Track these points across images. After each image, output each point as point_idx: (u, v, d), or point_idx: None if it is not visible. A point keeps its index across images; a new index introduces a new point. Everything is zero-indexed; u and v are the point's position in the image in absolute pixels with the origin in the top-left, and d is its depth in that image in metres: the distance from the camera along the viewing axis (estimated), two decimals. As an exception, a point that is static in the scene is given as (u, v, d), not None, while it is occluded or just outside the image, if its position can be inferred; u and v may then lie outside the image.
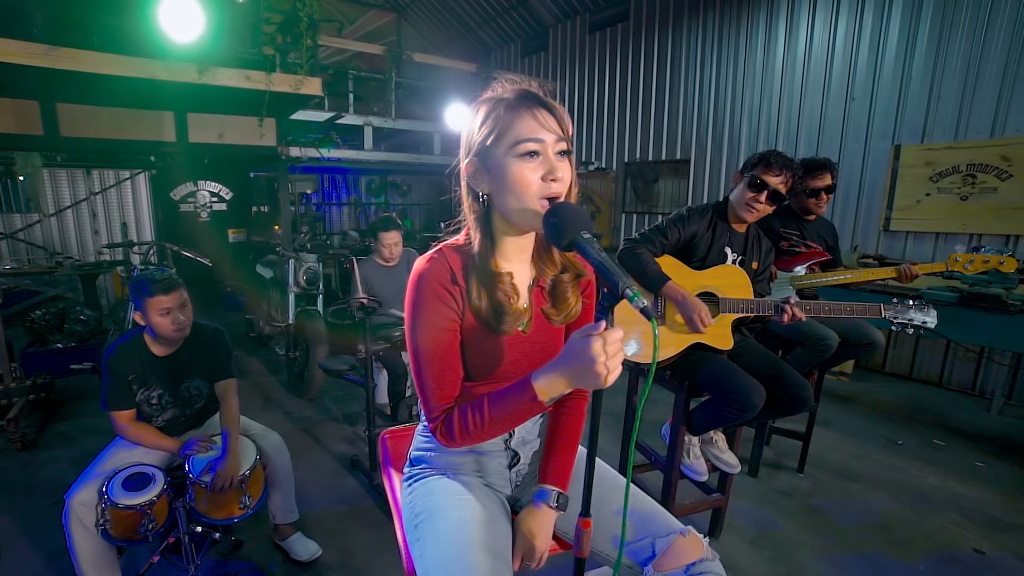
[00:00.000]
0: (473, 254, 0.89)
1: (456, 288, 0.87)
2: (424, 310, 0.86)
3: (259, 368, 3.99)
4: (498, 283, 0.88)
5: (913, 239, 4.01)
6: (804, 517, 2.20)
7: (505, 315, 0.88)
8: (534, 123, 0.81)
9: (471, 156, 0.87)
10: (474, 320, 0.89)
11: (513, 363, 0.92)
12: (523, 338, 0.93)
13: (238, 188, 5.62)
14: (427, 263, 0.88)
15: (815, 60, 4.48)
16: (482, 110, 0.86)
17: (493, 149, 0.83)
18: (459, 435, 0.86)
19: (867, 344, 2.25)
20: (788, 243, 2.38)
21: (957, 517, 2.22)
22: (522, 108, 0.82)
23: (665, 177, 6.01)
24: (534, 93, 0.84)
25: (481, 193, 0.87)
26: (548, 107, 0.83)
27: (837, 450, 2.80)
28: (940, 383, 3.92)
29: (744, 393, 1.59)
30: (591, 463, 0.78)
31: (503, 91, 0.86)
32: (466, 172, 0.89)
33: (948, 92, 3.74)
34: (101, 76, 2.97)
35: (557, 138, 0.82)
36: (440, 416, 0.89)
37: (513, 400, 0.82)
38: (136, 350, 1.78)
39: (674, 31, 5.63)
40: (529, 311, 0.94)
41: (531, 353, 0.93)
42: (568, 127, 0.84)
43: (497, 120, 0.83)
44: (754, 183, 1.72)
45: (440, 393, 0.88)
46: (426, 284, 0.86)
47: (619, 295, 0.68)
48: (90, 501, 1.55)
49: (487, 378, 0.93)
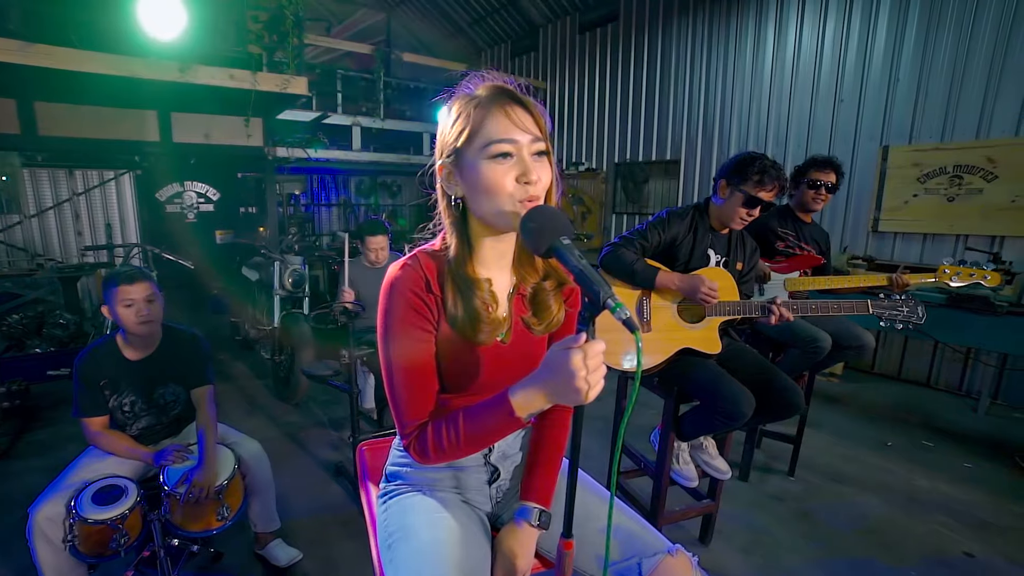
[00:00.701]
0: (449, 260, 0.84)
1: (431, 296, 0.83)
2: (397, 319, 0.82)
3: (244, 372, 3.92)
4: (475, 290, 0.83)
5: (901, 240, 4.03)
6: (795, 522, 2.18)
7: (483, 324, 0.83)
8: (507, 122, 0.76)
9: (443, 158, 0.83)
10: (450, 330, 0.84)
11: (491, 375, 0.88)
12: (502, 349, 0.89)
13: (225, 189, 5.53)
14: (400, 270, 0.83)
15: (804, 61, 4.50)
16: (455, 108, 0.81)
17: (465, 150, 0.79)
18: (433, 452, 0.82)
19: (858, 346, 2.24)
20: (784, 243, 2.36)
21: (947, 520, 2.21)
22: (494, 106, 0.77)
23: (655, 178, 6.00)
24: (508, 89, 0.79)
25: (455, 196, 0.83)
26: (523, 104, 0.78)
27: (828, 452, 2.79)
28: (928, 383, 3.94)
29: (733, 401, 1.56)
30: (572, 480, 0.74)
31: (475, 87, 0.82)
32: (440, 174, 0.84)
33: (935, 94, 3.76)
34: (79, 74, 2.89)
35: (532, 138, 0.77)
36: (413, 432, 0.84)
37: (489, 415, 0.78)
38: (108, 355, 1.72)
39: (664, 31, 5.63)
40: (508, 320, 0.89)
41: (511, 364, 0.89)
42: (545, 125, 0.80)
43: (468, 119, 0.78)
44: (749, 201, 1.69)
45: (413, 407, 0.84)
46: (399, 292, 0.82)
47: (600, 305, 0.65)
48: (57, 516, 1.48)
49: (464, 391, 0.88)
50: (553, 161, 0.82)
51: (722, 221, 1.80)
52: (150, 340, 1.76)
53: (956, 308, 2.93)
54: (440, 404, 0.87)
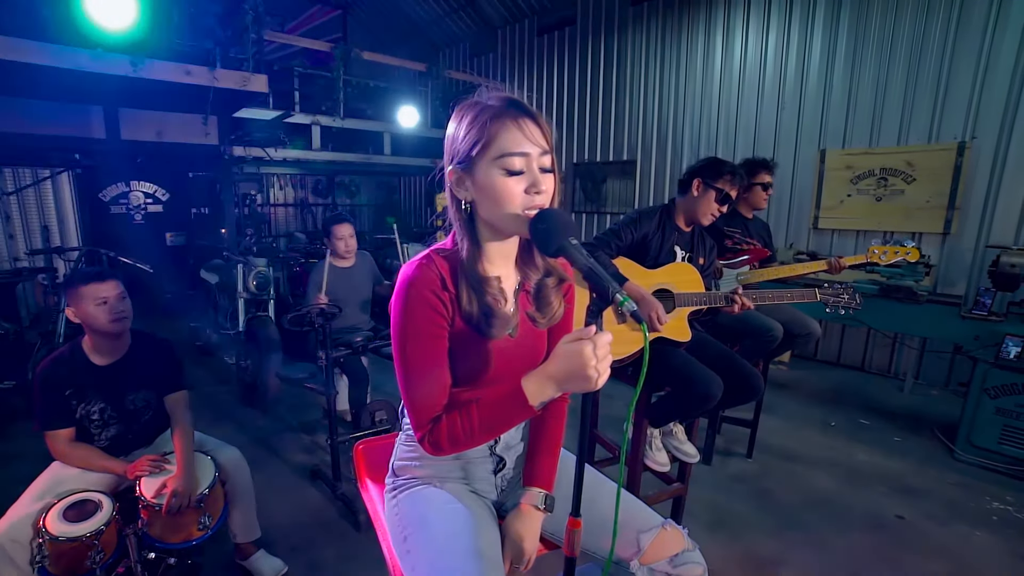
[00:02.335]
0: (462, 259, 0.89)
1: (446, 294, 0.87)
2: (414, 318, 0.86)
3: (207, 378, 3.76)
4: (487, 287, 0.88)
5: (838, 236, 4.39)
6: (755, 499, 2.37)
7: (496, 319, 0.89)
8: (519, 135, 0.81)
9: (454, 164, 0.86)
10: (464, 325, 0.89)
11: (500, 367, 0.93)
12: (510, 342, 0.94)
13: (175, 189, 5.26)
14: (416, 269, 0.86)
15: (749, 69, 4.80)
16: (467, 117, 0.85)
17: (477, 159, 0.82)
18: (447, 443, 0.86)
19: (806, 333, 2.46)
20: (732, 240, 2.55)
21: (883, 488, 2.47)
22: (507, 118, 0.81)
23: (613, 178, 6.21)
24: (521, 102, 0.84)
25: (464, 201, 0.88)
26: (534, 117, 0.83)
27: (780, 434, 3.02)
28: (863, 367, 4.32)
29: (704, 384, 1.69)
30: (581, 464, 0.82)
31: (488, 98, 0.85)
32: (449, 179, 0.88)
33: (863, 102, 4.12)
34: (18, 64, 2.68)
35: (542, 151, 0.83)
36: (428, 425, 0.88)
37: (503, 405, 0.83)
38: (73, 361, 1.64)
39: (620, 36, 5.83)
40: (516, 315, 0.95)
41: (518, 357, 0.94)
42: (552, 138, 0.85)
43: (482, 130, 0.81)
44: (723, 198, 1.87)
45: (429, 402, 0.88)
46: (416, 291, 0.85)
47: (609, 300, 0.72)
48: (23, 537, 1.41)
49: (474, 384, 0.93)
50: (557, 171, 0.88)
51: (692, 217, 1.94)
52: (119, 344, 1.70)
53: (885, 297, 3.25)
54: (452, 397, 0.92)
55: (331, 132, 5.50)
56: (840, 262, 2.36)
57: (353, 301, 2.76)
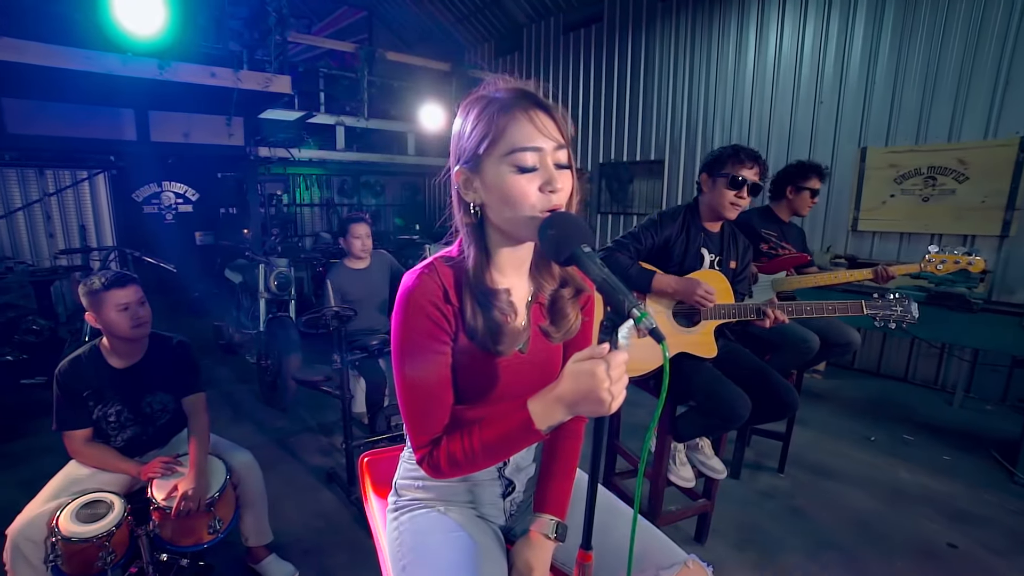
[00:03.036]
0: (467, 269, 0.81)
1: (449, 307, 0.80)
2: (413, 332, 0.79)
3: (228, 377, 3.82)
4: (495, 301, 0.80)
5: (879, 239, 4.15)
6: (786, 518, 2.23)
7: (503, 335, 0.81)
8: (531, 128, 0.73)
9: (461, 163, 0.79)
10: (468, 341, 0.82)
11: (509, 385, 0.86)
12: (520, 358, 0.86)
13: (205, 189, 5.39)
14: (416, 279, 0.79)
15: (784, 64, 4.59)
16: (473, 111, 0.77)
17: (486, 157, 0.75)
18: (447, 467, 0.80)
19: (845, 343, 2.30)
20: (768, 244, 2.41)
21: (929, 511, 2.28)
22: (517, 110, 0.73)
23: (640, 178, 6.06)
24: (531, 93, 0.76)
25: (473, 204, 0.80)
26: (547, 109, 0.75)
27: (815, 448, 2.85)
28: (906, 378, 4.07)
29: (729, 404, 1.58)
30: (592, 491, 0.74)
31: (496, 90, 0.78)
32: (456, 180, 0.81)
33: (909, 97, 3.88)
34: (51, 69, 2.77)
35: (556, 145, 0.75)
36: (427, 446, 0.82)
37: (507, 429, 0.76)
38: (92, 363, 1.65)
39: (648, 33, 5.68)
40: (528, 329, 0.87)
41: (528, 374, 0.87)
42: (568, 131, 0.77)
43: (490, 124, 0.74)
44: (733, 181, 1.70)
45: (428, 422, 0.82)
46: (416, 303, 0.78)
47: (625, 314, 0.64)
48: (37, 536, 1.42)
49: (480, 402, 0.86)
50: (574, 167, 0.79)
51: (714, 212, 1.79)
52: (137, 347, 1.70)
53: (934, 305, 3.02)
54: (455, 416, 0.85)
55: (355, 132, 5.53)
56: (888, 271, 2.15)
57: (370, 302, 2.74)
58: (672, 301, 1.77)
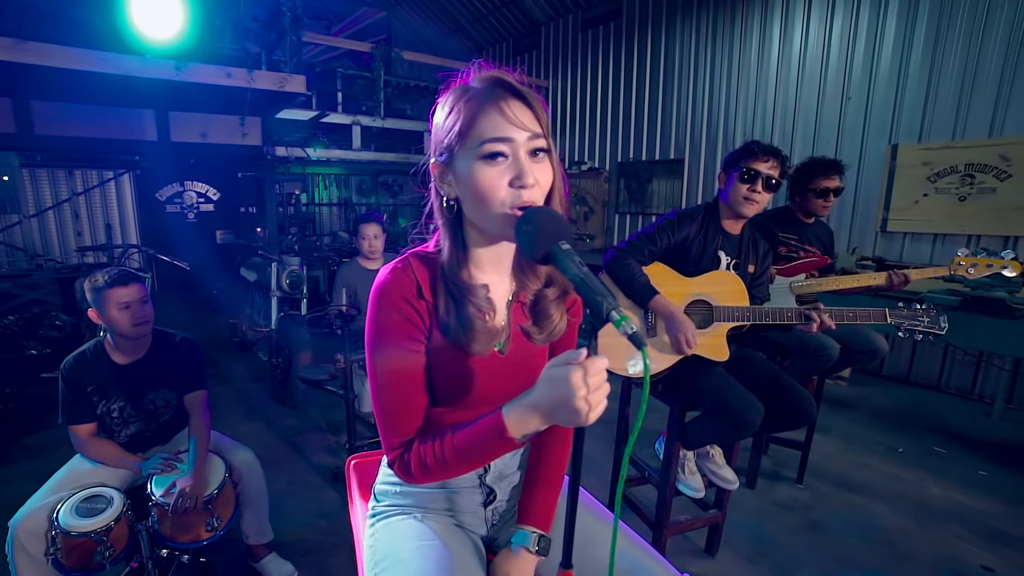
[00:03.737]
0: (442, 263, 0.78)
1: (422, 303, 0.77)
2: (384, 328, 0.76)
3: (242, 374, 3.87)
4: (470, 296, 0.77)
5: (911, 240, 3.95)
6: (804, 532, 2.12)
7: (478, 333, 0.77)
8: (501, 119, 0.69)
9: (436, 156, 0.76)
10: (443, 339, 0.78)
11: (488, 388, 0.81)
12: (500, 359, 0.82)
13: (226, 189, 5.49)
14: (389, 274, 0.77)
15: (810, 58, 4.42)
16: (448, 102, 0.74)
17: (458, 149, 0.72)
18: (417, 471, 0.76)
19: (870, 351, 2.17)
20: (786, 248, 2.29)
21: (962, 530, 2.14)
22: (488, 101, 0.70)
23: (659, 177, 5.93)
24: (505, 81, 0.72)
25: (448, 198, 0.77)
26: (522, 97, 0.71)
27: (837, 459, 2.72)
28: (938, 387, 3.86)
29: (741, 410, 1.50)
30: (572, 506, 0.68)
31: (474, 80, 0.75)
32: (433, 172, 0.78)
33: (945, 91, 3.67)
34: (73, 71, 2.85)
35: (530, 135, 0.70)
36: (399, 449, 0.78)
37: (481, 435, 0.71)
38: (96, 359, 1.67)
39: (667, 29, 5.56)
40: (507, 330, 0.83)
41: (509, 376, 0.82)
42: (546, 121, 0.72)
43: (459, 114, 0.71)
44: (746, 175, 1.63)
45: (399, 423, 0.78)
46: (387, 298, 0.76)
47: (604, 318, 0.59)
48: (38, 528, 1.43)
49: (458, 405, 0.82)
50: (556, 160, 0.75)
51: (732, 210, 1.72)
52: (140, 344, 1.71)
53: (970, 311, 2.85)
54: (432, 419, 0.81)
55: (372, 132, 5.56)
56: (901, 275, 1.98)
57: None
58: (684, 299, 1.70)
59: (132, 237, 5.20)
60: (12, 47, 2.60)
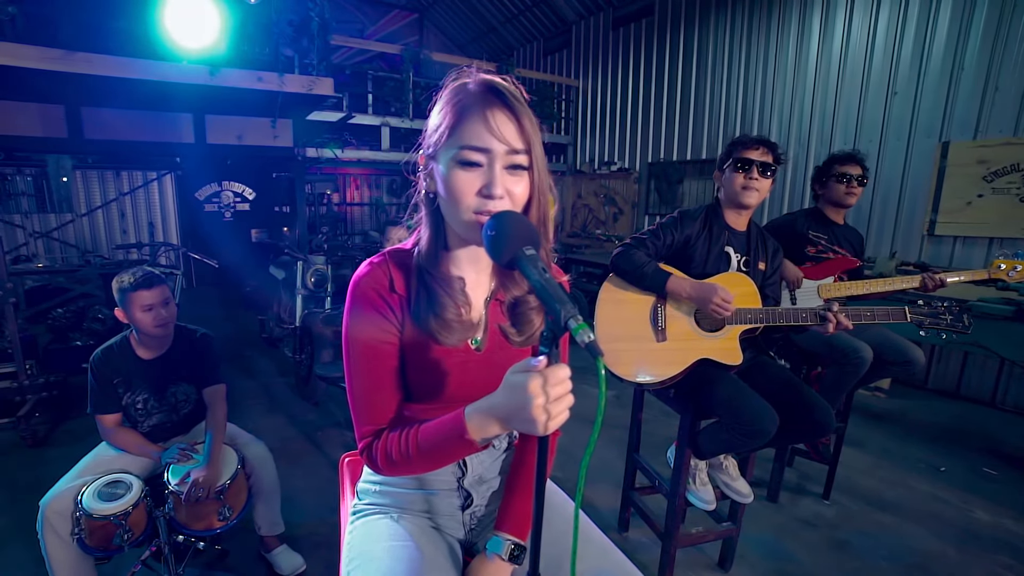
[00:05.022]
0: (419, 251, 0.79)
1: (394, 297, 0.79)
2: (357, 319, 0.78)
3: (269, 369, 4.00)
4: (445, 287, 0.78)
5: (962, 244, 3.69)
6: (827, 551, 2.00)
7: (451, 323, 0.77)
8: (483, 128, 0.69)
9: (424, 149, 0.79)
10: (417, 333, 0.79)
11: (463, 384, 0.81)
12: (476, 356, 0.82)
13: (261, 188, 5.70)
14: (365, 267, 0.80)
15: (853, 53, 4.19)
16: (442, 99, 0.76)
17: (441, 147, 0.73)
18: (383, 462, 0.77)
19: (904, 362, 2.03)
20: (816, 248, 2.18)
21: (1010, 560, 1.97)
22: (475, 108, 0.70)
23: (690, 178, 5.77)
24: (497, 88, 0.71)
25: (428, 190, 0.79)
26: (511, 108, 0.70)
27: (869, 475, 2.56)
28: (993, 402, 3.58)
29: (754, 419, 1.42)
30: (539, 516, 0.66)
31: (471, 80, 0.75)
32: (420, 163, 0.80)
33: (1007, 83, 3.41)
34: (118, 79, 3.02)
35: (508, 150, 0.70)
36: (368, 439, 0.79)
37: (442, 433, 0.71)
38: (122, 353, 1.76)
39: (701, 25, 5.40)
40: (483, 326, 0.83)
41: (486, 375, 0.82)
42: (532, 136, 0.71)
43: (447, 115, 0.73)
44: (739, 164, 1.63)
45: (369, 412, 0.79)
46: (360, 291, 0.78)
47: (562, 325, 0.57)
48: (65, 510, 1.51)
49: (434, 401, 0.82)
50: (540, 177, 0.74)
51: (734, 203, 1.69)
52: (163, 340, 1.79)
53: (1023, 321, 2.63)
54: (408, 416, 0.82)
55: (401, 133, 5.65)
56: (936, 277, 1.88)
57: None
58: (694, 303, 1.64)
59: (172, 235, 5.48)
60: (64, 57, 2.78)
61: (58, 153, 4.35)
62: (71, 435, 2.87)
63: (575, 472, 2.24)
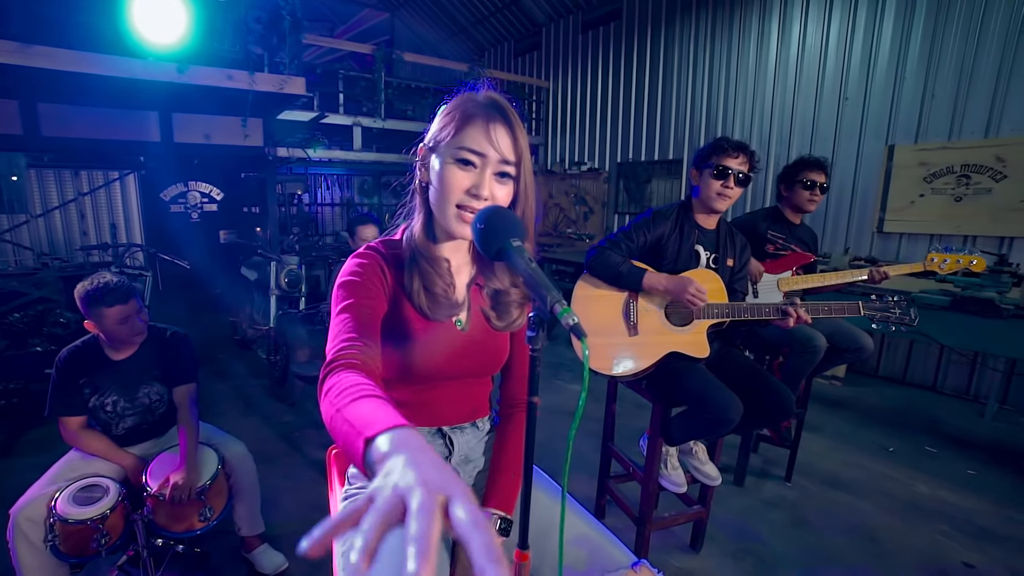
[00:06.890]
0: (412, 231, 0.88)
1: (387, 277, 0.87)
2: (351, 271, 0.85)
3: (242, 371, 3.93)
4: (433, 265, 0.87)
5: (907, 240, 3.96)
6: (790, 529, 2.14)
7: (439, 296, 0.86)
8: (483, 136, 0.79)
9: (426, 142, 0.88)
10: (407, 306, 0.87)
11: (449, 361, 0.89)
12: (461, 335, 0.91)
13: (229, 189, 5.56)
14: (363, 249, 0.89)
15: (808, 60, 4.43)
16: (452, 103, 0.86)
17: (442, 144, 0.83)
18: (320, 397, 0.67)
19: (856, 348, 2.20)
20: (774, 246, 2.32)
21: (947, 528, 2.16)
22: (480, 116, 0.80)
23: (658, 177, 5.96)
24: (501, 106, 0.82)
25: (422, 180, 0.88)
26: (509, 124, 0.81)
27: (827, 457, 2.74)
28: (934, 387, 3.86)
29: (720, 407, 1.53)
30: (527, 487, 0.72)
31: (480, 93, 0.86)
32: (419, 153, 0.89)
33: (942, 92, 3.68)
34: (79, 75, 2.92)
35: (501, 159, 0.80)
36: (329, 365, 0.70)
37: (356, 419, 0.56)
38: (91, 354, 1.71)
39: (667, 31, 5.58)
40: (467, 306, 0.92)
41: (469, 353, 0.91)
42: (523, 152, 0.82)
43: (454, 118, 0.82)
44: (717, 172, 1.68)
45: (338, 339, 0.74)
46: (356, 261, 0.87)
47: (548, 310, 0.63)
48: (38, 516, 1.48)
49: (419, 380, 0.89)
50: (526, 187, 0.85)
51: (705, 206, 1.76)
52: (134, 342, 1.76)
53: (960, 311, 2.85)
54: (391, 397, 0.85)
55: (373, 133, 5.62)
56: (881, 271, 2.06)
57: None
58: (664, 299, 1.73)
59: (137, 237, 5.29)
60: (19, 51, 2.67)
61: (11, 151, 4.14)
62: (35, 444, 2.77)
63: (554, 462, 2.32)
